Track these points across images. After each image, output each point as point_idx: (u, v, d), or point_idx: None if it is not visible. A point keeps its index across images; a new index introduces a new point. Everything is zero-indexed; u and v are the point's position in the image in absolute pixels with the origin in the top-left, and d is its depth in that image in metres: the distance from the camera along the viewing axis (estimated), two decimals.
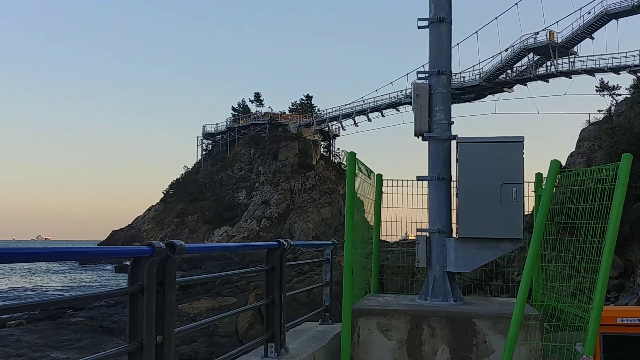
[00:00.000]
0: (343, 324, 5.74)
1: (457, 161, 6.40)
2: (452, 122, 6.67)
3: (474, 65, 72.99)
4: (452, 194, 6.65)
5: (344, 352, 5.63)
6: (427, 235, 6.57)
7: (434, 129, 6.59)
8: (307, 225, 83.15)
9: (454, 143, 6.61)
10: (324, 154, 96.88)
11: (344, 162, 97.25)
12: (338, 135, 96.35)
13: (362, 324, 5.85)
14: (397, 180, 7.13)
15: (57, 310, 31.80)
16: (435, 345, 5.76)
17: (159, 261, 3.36)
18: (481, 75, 72.10)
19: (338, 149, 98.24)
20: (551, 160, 5.77)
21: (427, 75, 6.72)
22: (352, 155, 5.75)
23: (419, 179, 6.65)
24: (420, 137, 6.64)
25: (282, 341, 5.61)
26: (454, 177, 6.62)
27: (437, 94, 6.64)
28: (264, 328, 5.50)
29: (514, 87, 72.98)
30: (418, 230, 6.66)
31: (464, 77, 74.40)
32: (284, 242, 5.64)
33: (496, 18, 67.25)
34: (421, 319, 5.82)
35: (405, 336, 5.79)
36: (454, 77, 75.46)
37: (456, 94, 75.82)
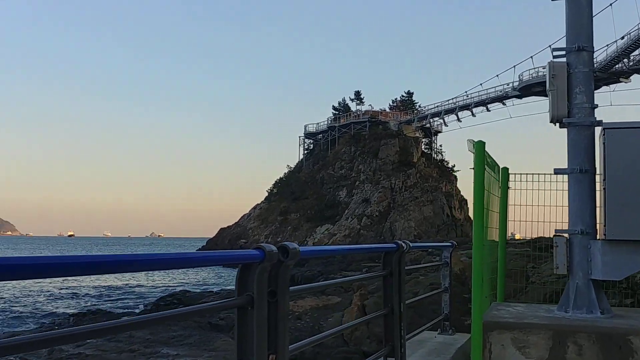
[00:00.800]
0: (473, 339, 5.02)
1: (603, 150, 5.48)
2: (596, 106, 5.74)
3: None
4: (596, 189, 5.73)
5: None
6: (567, 237, 5.70)
7: (574, 114, 5.70)
8: (409, 224, 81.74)
9: (598, 130, 5.70)
10: (425, 151, 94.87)
11: (446, 159, 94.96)
12: (440, 132, 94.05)
13: (495, 339, 5.10)
14: (527, 174, 6.29)
15: (167, 306, 33.00)
16: None
17: (270, 267, 2.86)
18: (595, 65, 67.48)
19: (440, 145, 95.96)
20: None
21: (564, 52, 5.84)
22: (480, 145, 5.01)
23: (557, 172, 5.78)
24: (557, 124, 5.77)
25: (403, 355, 4.99)
26: (598, 170, 5.70)
27: (577, 74, 5.74)
28: (383, 339, 4.91)
29: (631, 77, 67.72)
30: (556, 231, 5.79)
31: None
32: (403, 244, 5.02)
33: (611, 5, 62.55)
34: (565, 335, 4.98)
35: (546, 354, 4.99)
36: None
37: None
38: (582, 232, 5.61)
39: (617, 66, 66.33)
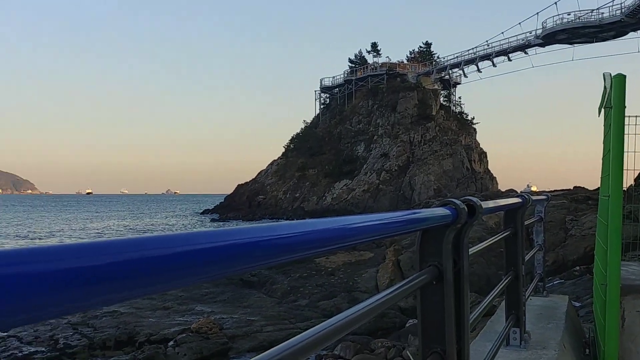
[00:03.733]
0: (609, 306, 4.35)
1: None
2: None
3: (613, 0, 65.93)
4: None
5: (611, 342, 4.25)
6: None
7: None
8: (428, 178, 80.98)
9: None
10: (444, 103, 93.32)
11: (465, 112, 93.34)
12: (459, 83, 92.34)
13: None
14: None
15: None
16: None
17: (456, 231, 2.19)
18: (623, 10, 65.12)
19: (459, 98, 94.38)
20: None
21: None
22: (620, 79, 4.23)
23: None
24: None
25: (525, 325, 4.36)
26: None
27: None
28: (505, 308, 4.26)
29: None
30: None
31: (603, 13, 67.72)
32: (527, 197, 4.33)
33: None
34: None
35: None
36: (590, 13, 68.77)
37: (593, 32, 69.14)
38: None
39: None
